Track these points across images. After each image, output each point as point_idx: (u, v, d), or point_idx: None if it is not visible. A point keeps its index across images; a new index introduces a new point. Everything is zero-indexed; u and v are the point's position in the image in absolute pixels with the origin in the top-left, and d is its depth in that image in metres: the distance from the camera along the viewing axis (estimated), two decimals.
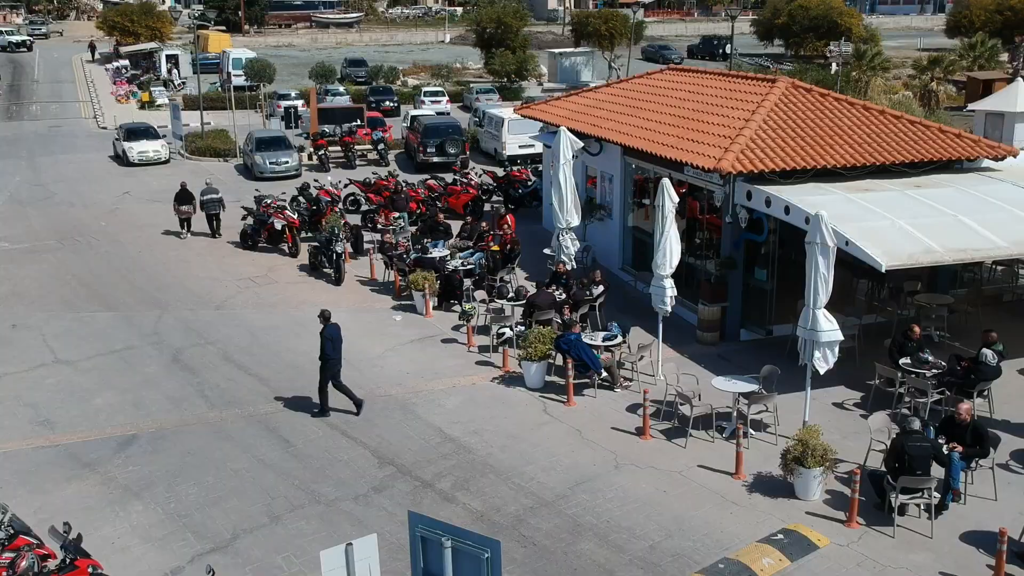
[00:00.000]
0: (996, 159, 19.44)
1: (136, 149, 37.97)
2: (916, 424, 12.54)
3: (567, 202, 19.73)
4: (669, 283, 16.88)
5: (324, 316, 16.16)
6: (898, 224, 15.97)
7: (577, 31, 63.97)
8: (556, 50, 63.48)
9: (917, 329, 16.13)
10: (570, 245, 20.11)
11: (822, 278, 14.08)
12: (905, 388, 15.44)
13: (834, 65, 49.87)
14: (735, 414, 15.32)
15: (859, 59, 51.94)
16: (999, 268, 21.74)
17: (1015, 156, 19.51)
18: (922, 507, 12.67)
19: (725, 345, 18.82)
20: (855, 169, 18.37)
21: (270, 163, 34.92)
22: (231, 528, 12.96)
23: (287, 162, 35.15)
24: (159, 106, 53.53)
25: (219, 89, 56.68)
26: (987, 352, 15.10)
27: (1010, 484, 13.42)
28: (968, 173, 19.11)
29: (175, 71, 61.63)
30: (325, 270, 24.08)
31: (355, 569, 7.60)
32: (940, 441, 12.82)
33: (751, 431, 14.80)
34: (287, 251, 26.00)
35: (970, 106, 37.58)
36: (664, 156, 19.59)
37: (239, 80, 53.81)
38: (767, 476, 13.88)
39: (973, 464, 13.10)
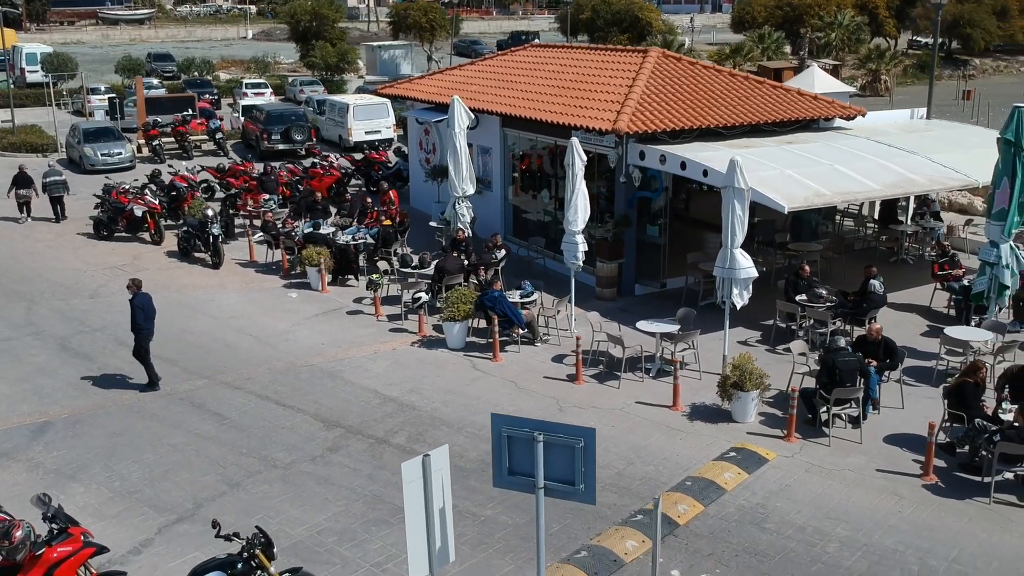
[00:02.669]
0: (847, 118, 21.45)
1: None
2: (842, 342, 13.85)
3: (463, 171, 20.03)
4: (580, 239, 17.55)
5: (135, 284, 15.69)
6: (786, 173, 17.39)
7: (396, 24, 63.80)
8: (374, 43, 63.09)
9: (807, 268, 17.64)
10: (466, 213, 20.43)
11: (738, 219, 15.16)
12: (803, 322, 16.86)
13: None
14: (659, 354, 16.22)
15: (666, 48, 55.18)
16: (847, 221, 23.96)
17: (863, 116, 21.61)
18: (847, 418, 13.98)
19: (623, 300, 19.74)
20: (733, 128, 19.76)
21: (102, 155, 32.95)
22: (190, 498, 12.44)
23: (120, 153, 33.30)
24: None
25: (11, 86, 52.73)
26: (874, 283, 16.75)
27: (909, 395, 14.99)
28: (826, 131, 20.99)
29: None
30: (198, 255, 23.16)
31: (431, 478, 7.70)
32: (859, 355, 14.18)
33: (676, 368, 15.69)
34: (149, 239, 24.77)
35: None
36: (556, 123, 20.23)
37: (36, 76, 50.35)
38: (701, 405, 14.83)
39: (885, 377, 14.58)
